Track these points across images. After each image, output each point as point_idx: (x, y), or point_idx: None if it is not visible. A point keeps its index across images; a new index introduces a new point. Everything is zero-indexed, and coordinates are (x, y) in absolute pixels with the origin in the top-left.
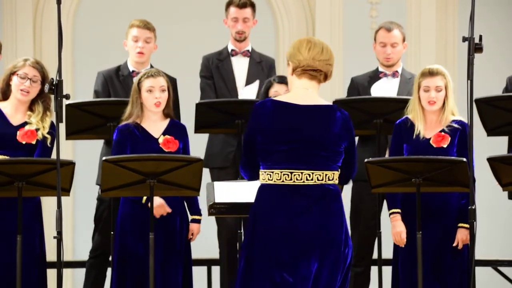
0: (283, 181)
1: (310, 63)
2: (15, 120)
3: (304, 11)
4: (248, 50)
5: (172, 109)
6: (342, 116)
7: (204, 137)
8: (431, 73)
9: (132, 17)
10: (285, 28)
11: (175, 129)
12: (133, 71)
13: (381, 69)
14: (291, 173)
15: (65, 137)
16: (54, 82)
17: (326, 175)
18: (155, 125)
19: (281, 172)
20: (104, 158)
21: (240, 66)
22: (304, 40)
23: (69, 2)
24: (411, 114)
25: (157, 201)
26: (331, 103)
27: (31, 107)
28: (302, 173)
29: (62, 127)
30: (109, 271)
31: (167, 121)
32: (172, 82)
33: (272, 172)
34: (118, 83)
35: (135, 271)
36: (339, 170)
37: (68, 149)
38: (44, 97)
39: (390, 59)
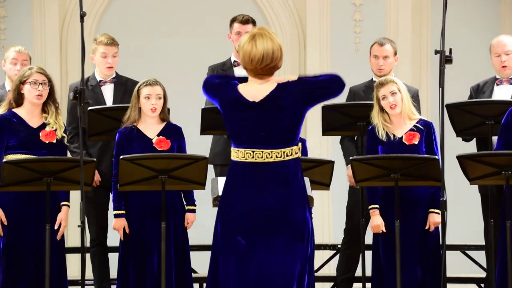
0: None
1: (253, 71)
2: (34, 123)
3: (296, 27)
4: None
5: (167, 114)
6: (290, 94)
7: (208, 138)
8: (381, 84)
9: (146, 32)
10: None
11: (170, 130)
12: (100, 80)
13: (375, 78)
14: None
15: (87, 139)
16: (78, 90)
17: (284, 152)
18: (151, 128)
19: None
20: (121, 156)
21: (241, 75)
22: (245, 44)
23: (91, 19)
24: (375, 121)
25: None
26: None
27: (43, 108)
28: (262, 152)
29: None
30: (111, 256)
31: (163, 124)
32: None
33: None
34: (87, 92)
35: (136, 256)
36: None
37: None
38: (53, 97)
39: (382, 70)
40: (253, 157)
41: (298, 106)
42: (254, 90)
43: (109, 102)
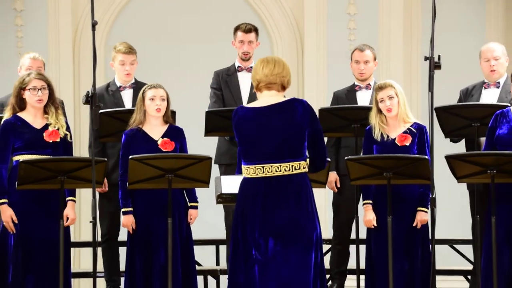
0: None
1: (265, 79)
2: (37, 124)
3: (294, 35)
4: (251, 67)
5: (170, 117)
6: (303, 106)
7: (212, 139)
8: (380, 87)
9: (155, 40)
10: (279, 49)
11: (173, 132)
12: (120, 86)
13: (356, 83)
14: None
15: (99, 139)
16: (90, 94)
17: (292, 165)
18: (155, 129)
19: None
20: (130, 156)
21: (245, 80)
22: (259, 61)
23: (102, 28)
24: (373, 122)
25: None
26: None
27: (45, 109)
28: (271, 166)
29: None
30: (121, 250)
31: (166, 126)
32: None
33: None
34: (108, 97)
35: (143, 251)
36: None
37: None
38: (53, 98)
39: (363, 74)
40: (263, 172)
41: (305, 121)
42: (264, 101)
43: (128, 106)
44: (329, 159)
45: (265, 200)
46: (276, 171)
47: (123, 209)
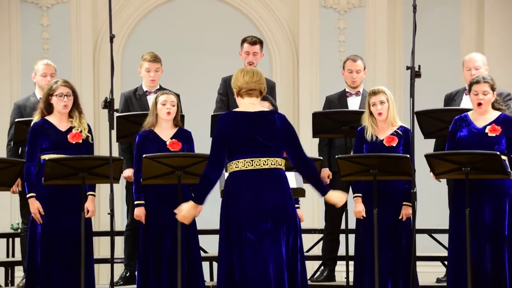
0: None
1: (246, 86)
2: (62, 127)
3: (290, 47)
4: None
5: (179, 121)
6: (280, 117)
7: None
8: (374, 93)
9: (167, 52)
10: (277, 59)
11: (181, 134)
12: (146, 91)
13: (347, 90)
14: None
15: (116, 140)
16: (108, 100)
17: (276, 160)
18: (165, 131)
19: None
20: (144, 155)
21: None
22: (238, 70)
23: (119, 40)
24: (365, 123)
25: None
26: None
27: (69, 114)
28: (259, 160)
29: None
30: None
31: (176, 129)
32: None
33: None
34: (135, 100)
35: (154, 240)
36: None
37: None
38: (77, 104)
39: (355, 82)
40: (252, 165)
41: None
42: (248, 107)
43: None
44: (321, 158)
45: (255, 188)
46: (264, 164)
47: (136, 202)
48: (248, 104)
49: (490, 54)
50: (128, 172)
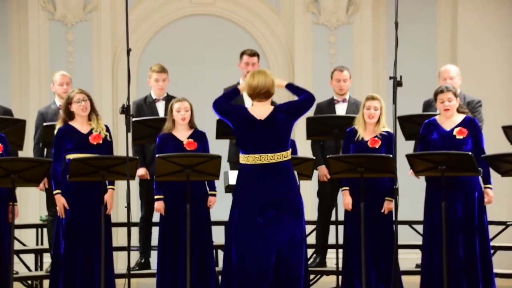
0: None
1: (256, 96)
2: (83, 130)
3: (287, 59)
4: None
5: (194, 122)
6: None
7: (222, 142)
8: (372, 98)
9: (178, 63)
10: (275, 70)
11: (197, 135)
12: (155, 98)
13: (335, 97)
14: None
15: (132, 141)
16: (125, 106)
17: (282, 155)
18: (182, 133)
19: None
20: (157, 155)
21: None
22: (253, 72)
23: (135, 53)
24: (356, 125)
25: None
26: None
27: (89, 117)
28: (267, 155)
29: (123, 134)
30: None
31: (191, 130)
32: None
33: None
34: (146, 107)
35: (172, 230)
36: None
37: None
38: (93, 107)
39: (342, 89)
40: (260, 160)
41: (289, 120)
42: (259, 111)
43: (161, 115)
44: (314, 158)
45: (264, 179)
46: (271, 159)
47: (156, 196)
48: (258, 107)
49: (463, 65)
50: (142, 171)
